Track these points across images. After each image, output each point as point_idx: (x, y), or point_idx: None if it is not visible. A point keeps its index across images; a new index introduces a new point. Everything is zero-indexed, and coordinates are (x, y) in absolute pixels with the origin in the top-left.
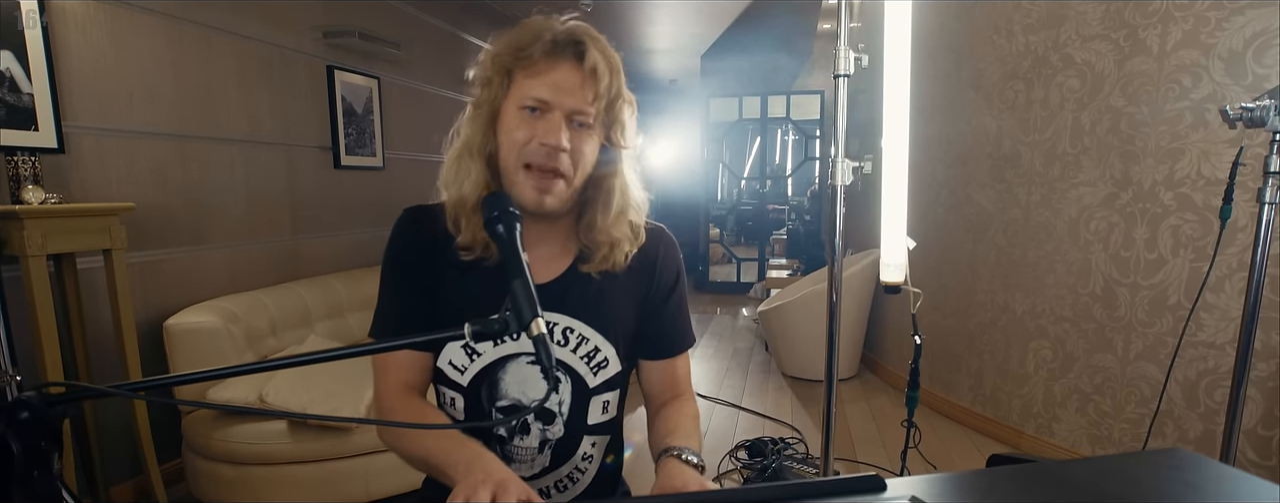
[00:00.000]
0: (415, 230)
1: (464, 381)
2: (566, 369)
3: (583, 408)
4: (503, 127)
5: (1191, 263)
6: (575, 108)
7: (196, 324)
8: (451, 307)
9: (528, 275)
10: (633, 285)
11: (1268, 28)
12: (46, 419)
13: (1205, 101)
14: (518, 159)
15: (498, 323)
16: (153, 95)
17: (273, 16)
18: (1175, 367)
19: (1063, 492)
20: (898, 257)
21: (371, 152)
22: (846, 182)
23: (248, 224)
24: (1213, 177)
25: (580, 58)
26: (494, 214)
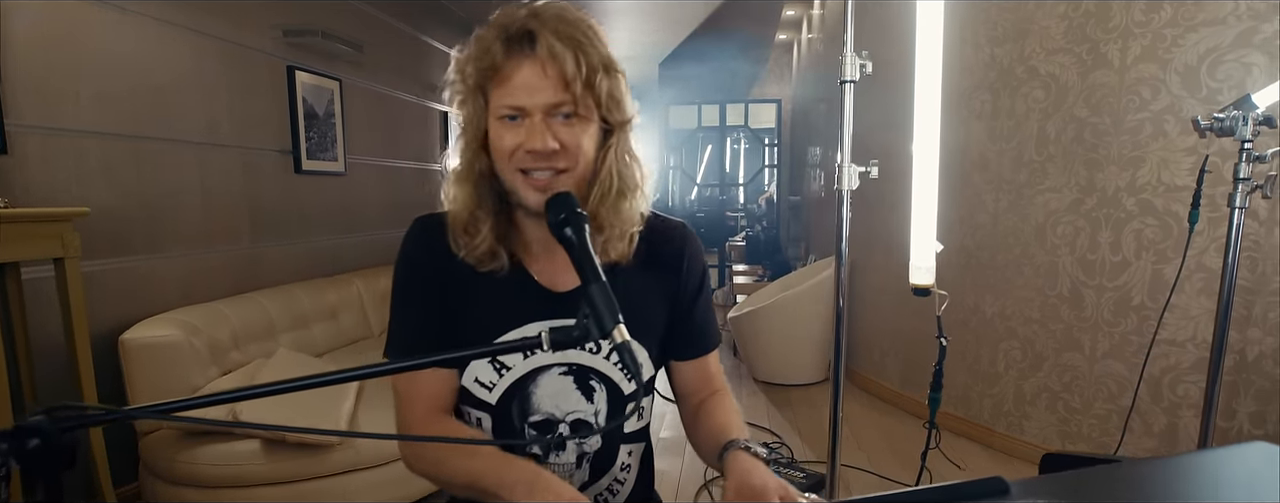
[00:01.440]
0: (427, 241)
1: (493, 398)
2: (601, 377)
3: (619, 416)
4: (491, 141)
5: (1153, 265)
6: (551, 102)
7: (156, 338)
8: (471, 319)
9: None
10: (661, 285)
11: (1219, 44)
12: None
13: (1164, 113)
14: (511, 168)
15: (577, 331)
16: (104, 93)
17: (231, 13)
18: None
19: (1170, 490)
20: (927, 260)
21: (333, 156)
22: (853, 186)
23: (205, 231)
24: (1172, 183)
25: (535, 47)
26: (561, 217)
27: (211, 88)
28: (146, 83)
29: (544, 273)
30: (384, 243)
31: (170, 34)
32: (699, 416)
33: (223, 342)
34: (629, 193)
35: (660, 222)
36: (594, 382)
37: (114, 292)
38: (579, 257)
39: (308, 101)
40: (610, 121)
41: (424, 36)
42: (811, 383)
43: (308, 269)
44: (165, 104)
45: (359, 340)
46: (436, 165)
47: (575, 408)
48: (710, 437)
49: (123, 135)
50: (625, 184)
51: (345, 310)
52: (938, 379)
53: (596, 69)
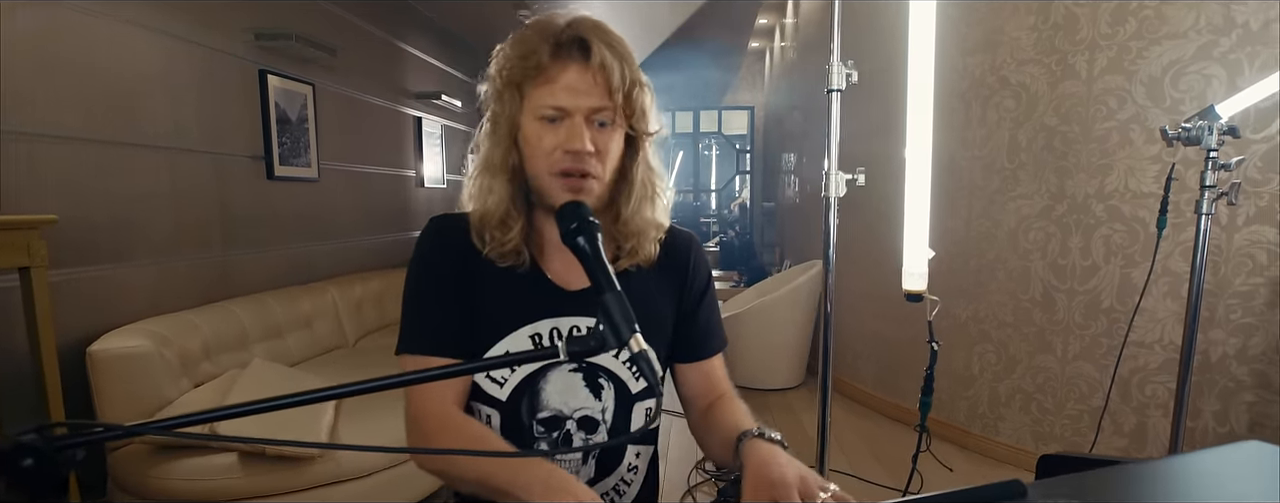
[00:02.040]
0: (444, 240)
1: (503, 394)
2: (609, 375)
3: (626, 415)
4: (525, 139)
5: (1121, 269)
6: (594, 107)
7: (125, 349)
8: (485, 314)
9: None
10: (668, 287)
11: (1181, 57)
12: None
13: (1130, 122)
14: (547, 168)
15: (594, 340)
16: (70, 97)
17: (202, 16)
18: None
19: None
20: (919, 265)
21: (306, 162)
22: (841, 193)
23: (175, 238)
24: (1138, 190)
25: (587, 55)
26: (573, 226)
27: (182, 92)
28: (115, 86)
29: (557, 271)
30: (358, 250)
31: (139, 36)
32: (709, 418)
33: (194, 352)
34: (655, 199)
35: (670, 229)
36: (603, 380)
37: (81, 302)
38: (593, 265)
39: (280, 106)
40: (638, 132)
41: (398, 41)
42: (788, 388)
43: (281, 277)
44: (134, 108)
45: (334, 349)
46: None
47: (583, 405)
48: (724, 435)
49: (90, 140)
50: (653, 191)
51: (320, 319)
52: (929, 383)
53: (636, 83)
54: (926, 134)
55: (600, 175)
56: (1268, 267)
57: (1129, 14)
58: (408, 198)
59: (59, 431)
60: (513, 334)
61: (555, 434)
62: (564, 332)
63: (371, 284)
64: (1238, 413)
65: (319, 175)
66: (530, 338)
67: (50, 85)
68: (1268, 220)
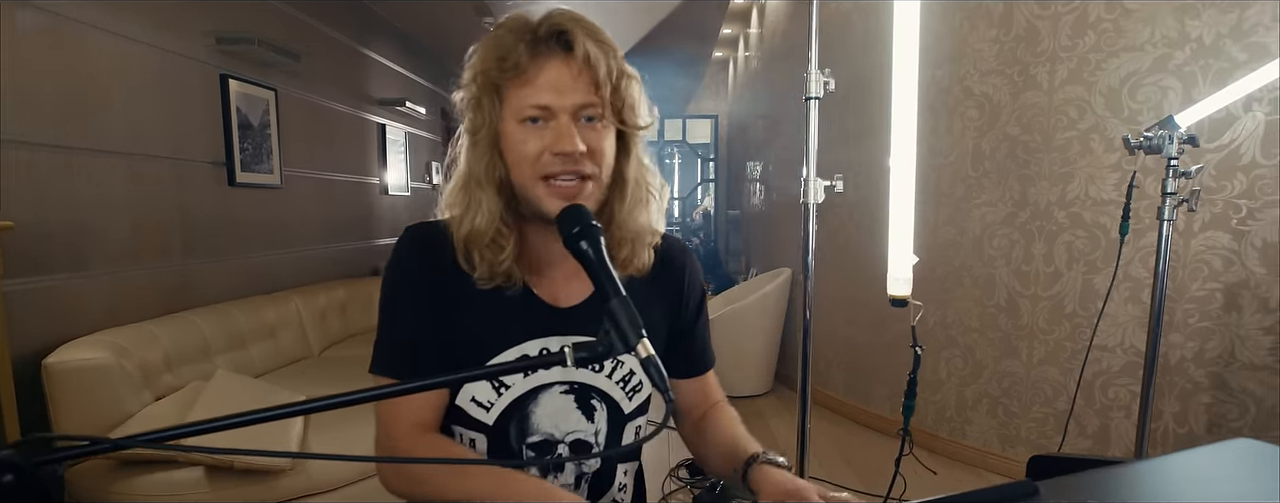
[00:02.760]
0: (424, 251)
1: (490, 418)
2: (602, 395)
3: (618, 435)
4: (508, 146)
5: (1083, 275)
6: (580, 104)
7: (83, 361)
8: (469, 334)
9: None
10: (664, 300)
11: (1138, 69)
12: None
13: (1090, 132)
14: (533, 174)
15: (601, 346)
16: (23, 100)
17: (161, 18)
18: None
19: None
20: (904, 270)
21: (269, 169)
22: (819, 200)
23: (133, 247)
24: (1099, 198)
25: (569, 48)
26: (574, 231)
27: (140, 96)
28: (70, 89)
29: (546, 287)
30: (322, 259)
31: (95, 38)
32: (703, 428)
33: (155, 364)
34: (649, 201)
35: (663, 239)
36: (595, 400)
37: (36, 312)
38: (597, 271)
39: (242, 112)
40: (628, 128)
41: (361, 47)
42: (758, 395)
43: (243, 286)
44: (90, 112)
45: (299, 360)
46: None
47: (575, 428)
48: (723, 449)
49: (44, 145)
50: (647, 192)
51: (284, 329)
52: (912, 387)
53: (624, 74)
54: (911, 142)
55: (597, 176)
56: (1223, 272)
57: (1088, 27)
58: (372, 206)
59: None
60: (500, 355)
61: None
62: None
63: (336, 293)
64: (1196, 414)
65: (282, 182)
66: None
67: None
68: (1222, 227)
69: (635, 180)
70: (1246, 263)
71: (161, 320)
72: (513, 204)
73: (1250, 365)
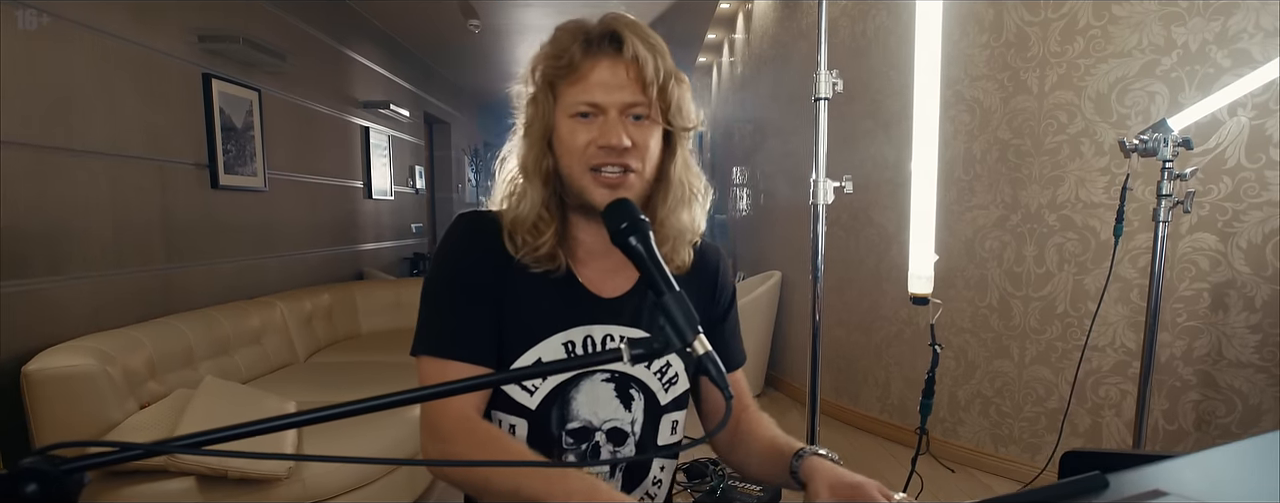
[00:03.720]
0: (476, 239)
1: (533, 403)
2: (640, 386)
3: (654, 427)
4: (558, 139)
5: (1074, 276)
6: (628, 102)
7: (65, 368)
8: (516, 321)
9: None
10: (697, 299)
11: (1127, 74)
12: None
13: (1079, 136)
14: (582, 165)
15: (657, 342)
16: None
17: (142, 15)
18: (1067, 368)
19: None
20: (925, 269)
21: (252, 171)
22: (829, 201)
23: (114, 250)
24: (1089, 200)
25: (619, 49)
26: (623, 225)
27: (120, 95)
28: (47, 88)
29: (591, 278)
30: (306, 263)
31: (73, 34)
32: (739, 433)
33: (138, 371)
34: (692, 201)
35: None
36: (634, 390)
37: (14, 318)
38: (648, 266)
39: (225, 112)
40: (674, 128)
41: (345, 48)
42: None
43: (227, 291)
44: (70, 111)
45: (286, 366)
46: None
47: (613, 416)
48: (763, 450)
49: (23, 145)
50: (691, 191)
51: (269, 335)
52: (929, 386)
53: (671, 75)
54: (933, 145)
55: (640, 170)
56: (1210, 272)
57: (1077, 33)
58: (356, 210)
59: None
60: (545, 342)
61: (584, 446)
62: (598, 340)
63: (321, 299)
64: (1185, 412)
65: (266, 185)
66: (563, 346)
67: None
68: (1209, 228)
69: (679, 180)
70: (1232, 263)
71: (145, 326)
72: (559, 195)
73: (1237, 363)
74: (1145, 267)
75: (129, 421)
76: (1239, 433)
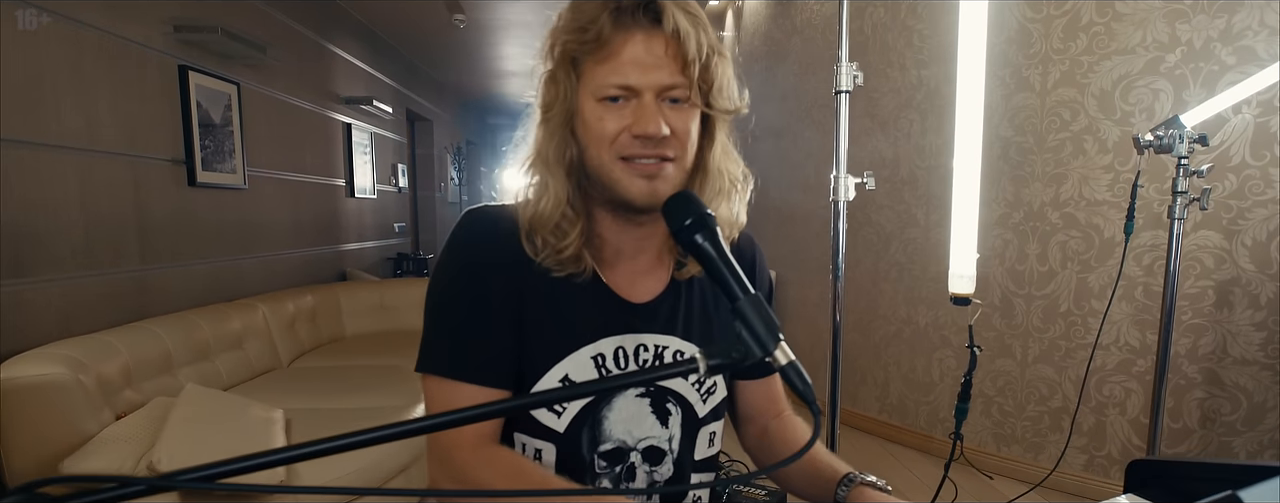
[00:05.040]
0: (491, 238)
1: (561, 425)
2: (677, 399)
3: (691, 441)
4: (583, 125)
5: (1078, 274)
6: (666, 84)
7: (36, 377)
8: (538, 337)
9: (754, 291)
10: None
11: (1130, 71)
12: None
13: (1083, 133)
14: (612, 154)
15: (736, 352)
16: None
17: (114, 2)
18: (1070, 367)
19: None
20: (967, 268)
21: (231, 168)
22: (850, 197)
23: (85, 252)
24: (1092, 198)
25: (657, 20)
26: (687, 222)
27: (92, 87)
28: (11, 78)
29: (619, 281)
30: (288, 264)
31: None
32: (770, 438)
33: (113, 379)
34: (732, 192)
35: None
36: (670, 404)
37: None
38: (719, 268)
39: (202, 106)
40: (716, 111)
41: (326, 42)
42: None
43: (205, 294)
44: (36, 104)
45: (268, 372)
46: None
47: (649, 434)
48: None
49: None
50: (732, 182)
51: (251, 338)
52: (965, 390)
53: (714, 52)
54: (976, 140)
55: (680, 159)
56: (1214, 270)
57: (1080, 30)
58: (338, 209)
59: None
60: (571, 356)
61: (618, 468)
62: (630, 352)
63: (304, 301)
64: (1190, 409)
65: (246, 182)
66: (592, 360)
67: None
68: (1214, 226)
69: (719, 169)
70: (1237, 261)
71: (119, 331)
72: (583, 188)
73: (1242, 361)
74: (1149, 264)
75: (105, 432)
76: (1244, 431)
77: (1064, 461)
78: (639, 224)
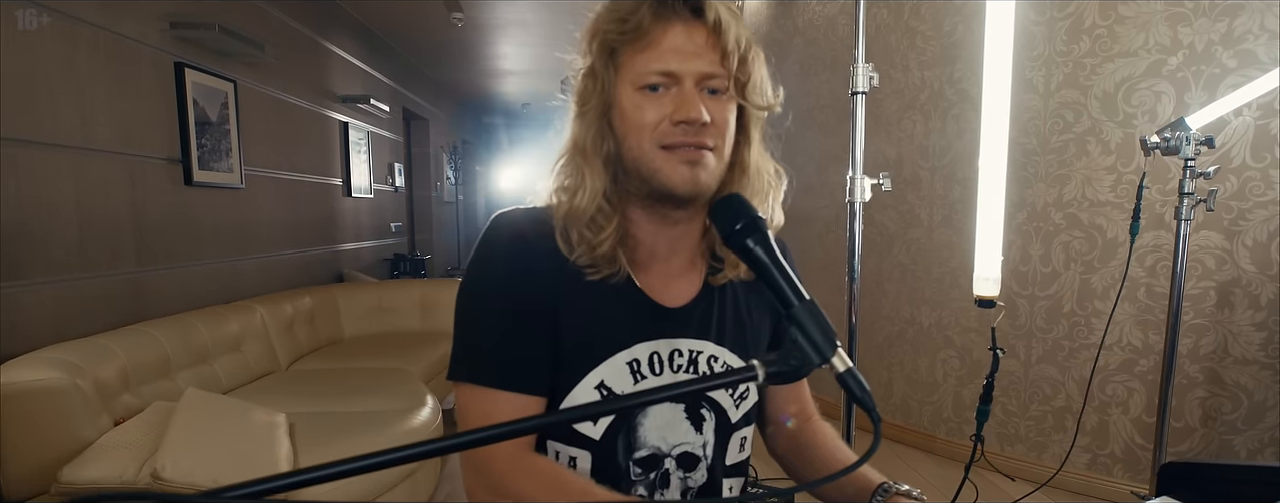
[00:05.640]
0: (526, 241)
1: (597, 432)
2: (711, 404)
3: (724, 446)
4: (621, 116)
5: (1081, 275)
6: (706, 72)
7: (34, 382)
8: (573, 336)
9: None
10: (764, 300)
11: (1132, 73)
12: None
13: (1085, 135)
14: (652, 143)
15: (794, 358)
16: None
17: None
18: (1073, 367)
19: None
20: (992, 270)
21: (228, 168)
22: (866, 199)
23: (80, 253)
24: (1095, 199)
25: (697, 12)
26: (738, 226)
27: (87, 84)
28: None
29: (652, 283)
30: (285, 265)
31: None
32: (802, 443)
33: (111, 383)
34: (768, 192)
35: None
36: (705, 410)
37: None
38: (772, 273)
39: (199, 105)
40: (751, 105)
41: (324, 41)
42: None
43: (202, 295)
44: (30, 102)
45: (267, 374)
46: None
47: (683, 440)
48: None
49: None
50: (769, 181)
51: (250, 341)
52: (987, 392)
53: (751, 46)
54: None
55: (719, 149)
56: (1215, 271)
57: (1083, 33)
58: (334, 209)
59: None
60: (607, 362)
61: (652, 475)
62: (665, 357)
63: (302, 302)
64: (1191, 408)
65: (243, 182)
66: (627, 365)
67: None
68: (1215, 227)
69: (757, 168)
70: (1238, 262)
71: (115, 334)
72: (620, 184)
73: (1242, 360)
74: (1151, 265)
75: (104, 438)
76: (1244, 429)
77: (1068, 459)
78: (673, 224)
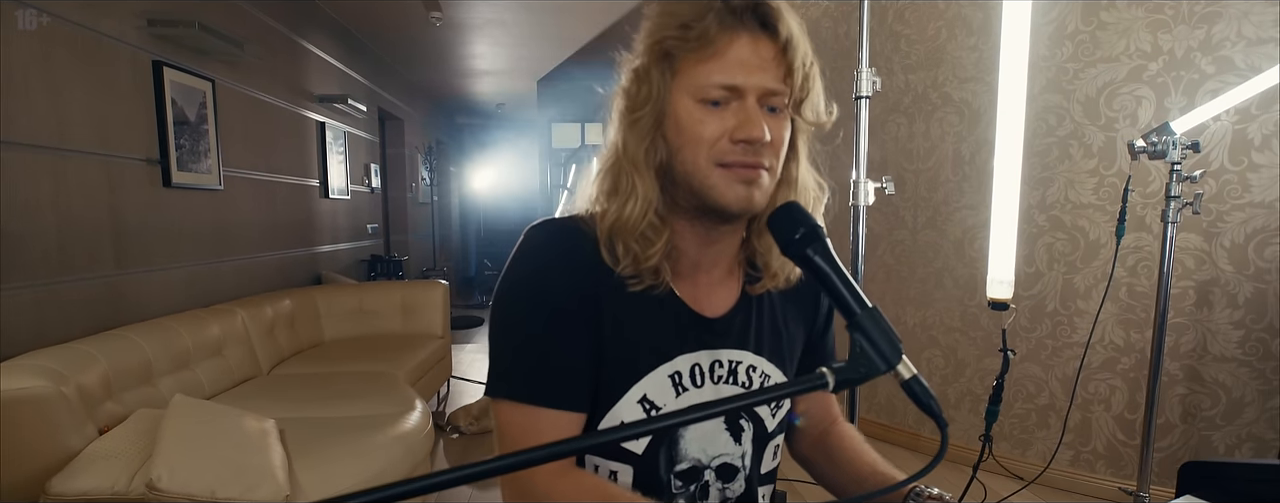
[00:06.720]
0: (567, 251)
1: (640, 447)
2: (750, 414)
3: (759, 457)
4: (676, 126)
5: (1064, 275)
6: (769, 88)
7: (20, 391)
8: (616, 350)
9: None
10: (800, 311)
11: (1114, 79)
12: None
13: (1068, 138)
14: (709, 159)
15: (862, 366)
16: None
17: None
18: (1056, 365)
19: None
20: (1007, 273)
21: (207, 168)
22: (869, 202)
23: (58, 256)
24: (1078, 201)
25: (765, 25)
26: (797, 236)
27: (62, 82)
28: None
29: (693, 294)
30: (265, 267)
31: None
32: (829, 448)
33: (94, 390)
34: (816, 203)
35: None
36: (743, 420)
37: None
38: (833, 283)
39: (177, 104)
40: (807, 122)
41: (301, 39)
42: None
43: (182, 299)
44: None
45: (249, 379)
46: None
47: (723, 451)
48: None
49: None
50: (815, 194)
51: (231, 345)
52: (997, 393)
53: (814, 63)
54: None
55: (774, 167)
56: (1195, 271)
57: (1065, 38)
58: (312, 210)
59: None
60: (650, 376)
61: (692, 487)
62: (706, 369)
63: (282, 305)
64: (1171, 405)
65: (222, 184)
66: (669, 378)
67: None
68: (1194, 229)
69: (804, 183)
70: (1217, 262)
71: (96, 339)
72: (667, 193)
73: (1221, 358)
74: (1133, 266)
75: (91, 448)
76: (1223, 425)
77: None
78: (718, 237)
